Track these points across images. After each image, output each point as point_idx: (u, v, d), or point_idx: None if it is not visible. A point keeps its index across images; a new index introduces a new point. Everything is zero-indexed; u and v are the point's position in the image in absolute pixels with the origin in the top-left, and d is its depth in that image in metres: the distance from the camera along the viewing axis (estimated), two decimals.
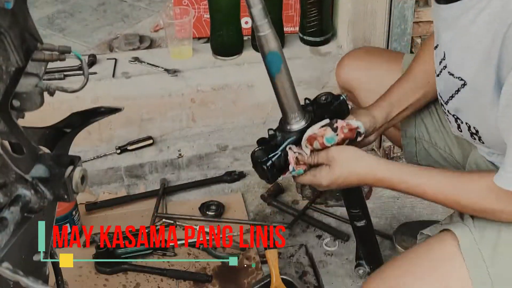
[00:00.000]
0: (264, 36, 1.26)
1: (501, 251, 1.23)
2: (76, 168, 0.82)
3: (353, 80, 1.66)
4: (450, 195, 1.25)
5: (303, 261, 1.88)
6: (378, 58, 1.68)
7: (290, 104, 1.34)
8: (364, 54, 1.71)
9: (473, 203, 1.23)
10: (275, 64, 1.29)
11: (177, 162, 2.17)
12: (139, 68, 2.19)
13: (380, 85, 1.57)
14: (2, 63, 0.71)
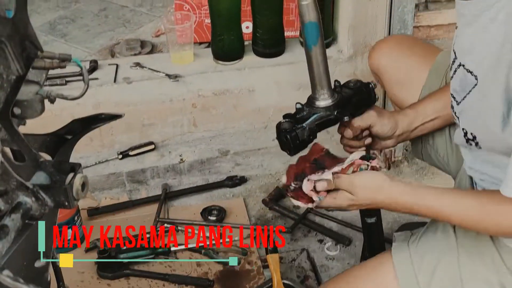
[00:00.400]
0: (306, 5, 1.29)
1: (439, 278, 1.24)
2: (77, 175, 0.83)
3: (381, 66, 1.64)
4: (476, 223, 1.20)
5: (305, 266, 1.89)
6: (409, 50, 1.63)
7: (321, 80, 1.36)
8: (397, 42, 1.68)
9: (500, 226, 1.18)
10: (313, 35, 1.31)
11: (178, 167, 2.17)
12: (141, 73, 2.19)
13: (406, 76, 1.56)
14: (3, 72, 0.72)
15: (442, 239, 1.29)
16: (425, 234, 1.33)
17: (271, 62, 2.23)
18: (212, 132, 2.23)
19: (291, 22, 2.38)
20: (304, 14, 1.32)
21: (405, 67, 1.60)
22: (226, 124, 2.23)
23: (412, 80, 1.56)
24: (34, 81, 0.86)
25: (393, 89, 1.61)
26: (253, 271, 1.85)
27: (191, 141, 2.22)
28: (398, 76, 1.61)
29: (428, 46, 1.73)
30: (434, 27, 2.17)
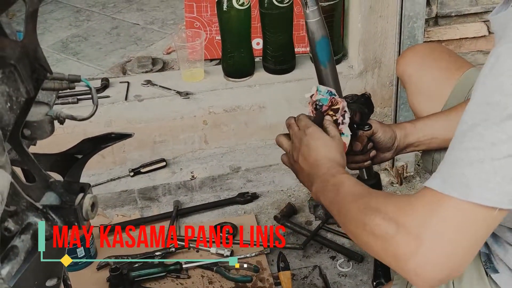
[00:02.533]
0: (316, 21, 1.31)
1: None
2: (86, 196, 0.83)
3: (406, 75, 1.61)
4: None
5: (317, 283, 1.88)
6: (436, 61, 1.59)
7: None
8: (426, 52, 1.63)
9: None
10: (325, 51, 1.32)
11: (190, 184, 2.18)
12: (152, 91, 2.21)
13: (429, 89, 1.53)
14: (12, 94, 0.72)
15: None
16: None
17: (281, 79, 2.23)
18: (223, 148, 2.24)
19: (301, 38, 2.39)
20: (314, 31, 1.32)
21: (429, 79, 1.57)
22: (237, 140, 2.23)
23: (435, 93, 1.53)
24: (44, 102, 0.86)
25: (415, 99, 1.58)
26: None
27: (203, 158, 2.23)
28: (421, 86, 1.57)
29: (457, 59, 1.66)
30: (444, 42, 2.17)
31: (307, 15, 1.32)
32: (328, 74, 1.39)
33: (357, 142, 1.43)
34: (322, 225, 2.05)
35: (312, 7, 1.31)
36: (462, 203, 0.87)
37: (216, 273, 1.88)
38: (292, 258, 1.95)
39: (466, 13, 2.18)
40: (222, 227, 2.03)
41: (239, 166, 2.22)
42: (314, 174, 1.20)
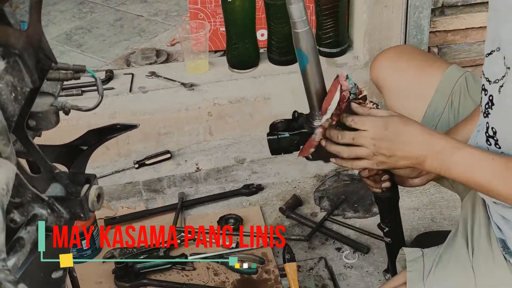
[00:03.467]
0: (296, 33, 1.28)
1: None
2: (92, 187, 0.82)
3: (380, 79, 1.61)
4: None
5: (323, 274, 1.87)
6: (408, 62, 1.60)
7: (312, 103, 1.33)
8: (397, 54, 1.64)
9: None
10: (301, 62, 1.31)
11: (195, 176, 2.17)
12: (156, 82, 2.20)
13: (406, 89, 1.53)
14: (17, 84, 0.72)
15: (458, 271, 1.24)
16: (439, 266, 1.27)
17: (286, 70, 2.23)
18: (228, 140, 2.23)
19: None
20: (294, 41, 1.30)
21: (405, 80, 1.57)
22: (242, 132, 2.23)
23: (415, 93, 1.53)
24: (49, 92, 0.86)
25: (395, 102, 1.56)
26: (271, 280, 1.84)
27: (207, 150, 2.22)
28: (398, 89, 1.57)
29: (427, 56, 1.68)
30: (450, 32, 2.16)
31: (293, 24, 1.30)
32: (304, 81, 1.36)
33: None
34: (327, 217, 2.05)
35: (297, 19, 1.27)
36: None
37: (222, 265, 1.88)
38: (298, 250, 1.94)
39: (472, 3, 2.16)
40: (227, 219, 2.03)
41: (244, 158, 2.21)
42: (425, 155, 1.16)
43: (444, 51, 2.18)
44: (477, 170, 1.13)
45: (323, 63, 2.26)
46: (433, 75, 1.54)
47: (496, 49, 1.15)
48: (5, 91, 0.72)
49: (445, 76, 1.53)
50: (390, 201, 1.54)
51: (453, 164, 1.14)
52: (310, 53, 1.29)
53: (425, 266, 1.28)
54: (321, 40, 2.28)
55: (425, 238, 1.90)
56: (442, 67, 1.56)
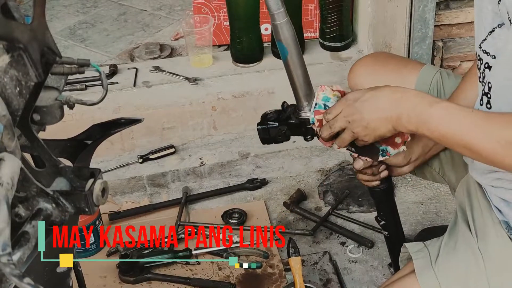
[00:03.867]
0: (275, 25, 1.30)
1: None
2: (97, 181, 0.82)
3: (358, 86, 1.59)
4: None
5: (327, 269, 1.87)
6: (383, 66, 1.61)
7: (297, 93, 1.36)
8: (372, 61, 1.65)
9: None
10: (282, 52, 1.33)
11: (199, 170, 2.17)
12: (160, 77, 2.20)
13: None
14: (22, 78, 0.72)
15: (465, 253, 1.24)
16: (446, 250, 1.27)
17: None
18: (232, 134, 2.23)
19: (310, 24, 2.37)
20: (274, 33, 1.33)
21: (382, 82, 1.54)
22: (246, 126, 2.23)
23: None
24: (53, 87, 0.85)
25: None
26: (275, 274, 1.84)
27: (211, 144, 2.22)
28: None
29: (401, 59, 1.70)
30: (455, 26, 2.15)
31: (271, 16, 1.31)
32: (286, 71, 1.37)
33: (358, 160, 1.40)
34: (331, 211, 2.05)
35: (275, 11, 1.28)
36: None
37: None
38: (302, 244, 1.94)
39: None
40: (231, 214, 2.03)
41: (248, 152, 2.21)
42: (400, 113, 1.15)
43: (448, 45, 2.17)
44: (455, 122, 1.09)
45: (327, 57, 2.26)
46: (409, 76, 1.55)
47: (498, 25, 1.15)
48: (10, 85, 0.72)
49: (421, 75, 1.55)
50: (386, 193, 1.54)
51: (430, 117, 1.11)
52: (289, 44, 1.31)
53: (431, 253, 1.28)
54: (325, 34, 2.27)
55: (429, 233, 1.89)
56: (417, 67, 1.58)
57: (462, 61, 2.20)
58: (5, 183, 0.69)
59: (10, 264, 0.64)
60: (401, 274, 1.33)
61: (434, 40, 2.12)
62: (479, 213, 1.27)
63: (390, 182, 1.53)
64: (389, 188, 1.53)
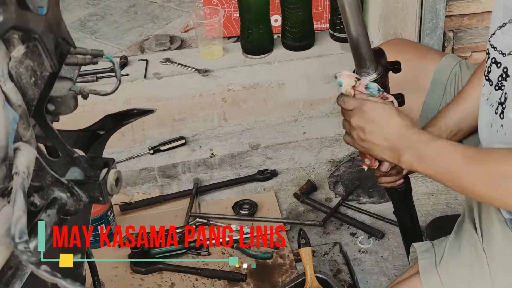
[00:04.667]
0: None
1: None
2: (111, 171, 0.83)
3: None
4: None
5: (338, 259, 1.88)
6: (399, 55, 1.52)
7: (357, 58, 1.29)
8: (391, 48, 1.57)
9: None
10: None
11: (209, 162, 2.18)
12: (170, 68, 2.20)
13: (400, 83, 1.52)
14: (37, 69, 0.72)
15: (470, 254, 1.24)
16: (450, 252, 1.27)
17: (300, 55, 2.22)
18: (243, 126, 2.23)
19: (320, 15, 2.36)
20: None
21: (401, 72, 1.56)
22: (256, 118, 2.23)
23: (411, 85, 1.51)
24: (67, 77, 0.86)
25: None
26: (286, 265, 1.84)
27: (222, 136, 2.23)
28: (394, 81, 1.56)
29: (417, 47, 1.68)
30: (467, 16, 2.13)
31: None
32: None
33: (384, 162, 1.38)
34: (342, 202, 2.05)
35: None
36: None
37: (237, 250, 1.89)
38: (312, 235, 1.95)
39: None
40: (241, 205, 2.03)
41: (258, 143, 2.21)
42: (399, 146, 1.18)
43: (459, 36, 2.16)
44: (447, 158, 1.12)
45: (337, 48, 2.26)
46: (428, 67, 1.54)
47: (509, 21, 1.15)
48: (25, 75, 0.72)
49: (439, 68, 1.53)
50: (406, 194, 1.53)
51: (425, 156, 1.14)
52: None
53: (436, 254, 1.28)
54: (335, 25, 2.26)
55: (439, 223, 1.90)
56: (436, 58, 1.56)
57: (473, 51, 2.19)
58: (21, 172, 0.70)
59: (27, 251, 0.65)
60: (408, 274, 1.33)
61: (445, 30, 2.11)
62: (486, 212, 1.26)
63: (409, 182, 1.52)
64: (408, 189, 1.52)
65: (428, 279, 1.24)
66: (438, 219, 1.93)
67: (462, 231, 1.29)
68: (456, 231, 1.31)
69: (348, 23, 1.26)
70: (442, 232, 1.81)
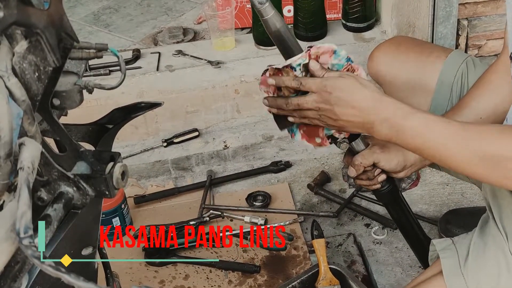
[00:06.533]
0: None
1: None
2: (117, 164, 0.83)
3: (379, 75, 1.57)
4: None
5: (352, 250, 1.87)
6: (404, 54, 1.55)
7: (285, 51, 1.28)
8: (394, 47, 1.58)
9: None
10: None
11: (223, 154, 2.18)
12: (183, 61, 2.20)
13: (407, 82, 1.49)
14: (40, 64, 0.72)
15: (496, 256, 1.20)
16: (475, 253, 1.23)
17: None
18: (256, 117, 2.23)
19: (333, 5, 2.35)
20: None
21: (404, 73, 1.52)
22: None
23: (417, 85, 1.49)
24: (73, 72, 0.86)
25: (396, 96, 1.53)
26: (299, 256, 1.84)
27: (235, 127, 2.22)
28: (399, 83, 1.52)
29: (423, 45, 1.63)
30: (481, 4, 2.11)
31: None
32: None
33: (350, 167, 1.37)
34: (356, 193, 2.04)
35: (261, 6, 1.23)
36: None
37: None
38: (326, 226, 1.94)
39: None
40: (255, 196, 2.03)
41: (271, 135, 2.21)
42: (372, 120, 1.13)
43: (474, 23, 2.14)
44: (432, 133, 1.07)
45: (350, 38, 2.24)
46: (433, 66, 1.50)
47: None
48: (29, 70, 0.73)
49: (445, 66, 1.49)
50: (391, 194, 1.49)
51: (406, 129, 1.10)
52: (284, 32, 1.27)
53: (459, 253, 1.24)
54: (348, 15, 2.25)
55: (454, 216, 1.87)
56: (441, 55, 1.51)
57: (488, 39, 2.16)
58: (26, 167, 0.70)
59: (32, 246, 0.65)
60: (429, 273, 1.29)
61: (459, 18, 2.09)
62: (508, 213, 1.22)
63: (392, 182, 1.47)
64: (393, 189, 1.47)
65: (453, 282, 1.21)
66: (451, 212, 1.91)
67: (487, 231, 1.25)
68: (480, 231, 1.27)
69: (282, 51, 1.27)
70: (456, 226, 1.81)
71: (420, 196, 2.02)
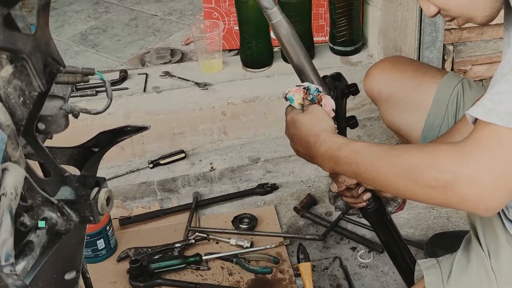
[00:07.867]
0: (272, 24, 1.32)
1: None
2: (101, 190, 0.82)
3: (375, 92, 1.60)
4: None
5: (338, 274, 1.86)
6: (401, 72, 1.58)
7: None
8: (390, 66, 1.62)
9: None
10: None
11: (209, 175, 2.17)
12: (170, 82, 2.20)
13: (402, 100, 1.52)
14: (25, 88, 0.72)
15: (478, 273, 1.22)
16: (458, 270, 1.25)
17: None
18: (242, 139, 2.23)
19: (320, 28, 2.36)
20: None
21: (400, 91, 1.55)
22: (256, 131, 2.22)
23: (413, 102, 1.51)
24: (58, 96, 0.86)
25: (392, 114, 1.56)
26: (285, 279, 1.83)
27: (222, 149, 2.22)
28: (394, 100, 1.56)
29: (419, 65, 1.67)
30: (466, 30, 2.13)
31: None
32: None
33: (333, 183, 1.44)
34: (342, 216, 2.04)
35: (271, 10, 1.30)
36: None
37: (236, 264, 1.88)
38: (312, 249, 1.94)
39: None
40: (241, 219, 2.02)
41: (258, 157, 2.21)
42: (314, 155, 1.22)
43: (459, 49, 2.16)
44: (363, 158, 1.13)
45: (337, 62, 2.26)
46: (429, 85, 1.53)
47: None
48: (14, 95, 0.72)
49: (441, 85, 1.52)
50: (377, 213, 1.51)
51: (341, 158, 1.16)
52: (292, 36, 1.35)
53: (443, 271, 1.26)
54: (335, 38, 2.26)
55: (441, 239, 1.88)
56: (437, 76, 1.55)
57: (473, 64, 2.18)
58: (9, 193, 0.69)
59: (13, 274, 0.64)
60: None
61: (445, 44, 2.11)
62: (491, 231, 1.23)
63: (379, 201, 1.49)
64: (379, 208, 1.49)
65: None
66: (437, 236, 1.91)
67: (470, 248, 1.27)
68: (463, 248, 1.28)
69: (288, 53, 1.37)
70: (442, 249, 1.81)
71: (406, 220, 2.02)
